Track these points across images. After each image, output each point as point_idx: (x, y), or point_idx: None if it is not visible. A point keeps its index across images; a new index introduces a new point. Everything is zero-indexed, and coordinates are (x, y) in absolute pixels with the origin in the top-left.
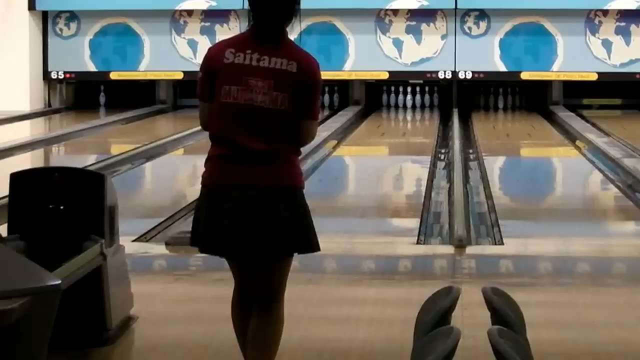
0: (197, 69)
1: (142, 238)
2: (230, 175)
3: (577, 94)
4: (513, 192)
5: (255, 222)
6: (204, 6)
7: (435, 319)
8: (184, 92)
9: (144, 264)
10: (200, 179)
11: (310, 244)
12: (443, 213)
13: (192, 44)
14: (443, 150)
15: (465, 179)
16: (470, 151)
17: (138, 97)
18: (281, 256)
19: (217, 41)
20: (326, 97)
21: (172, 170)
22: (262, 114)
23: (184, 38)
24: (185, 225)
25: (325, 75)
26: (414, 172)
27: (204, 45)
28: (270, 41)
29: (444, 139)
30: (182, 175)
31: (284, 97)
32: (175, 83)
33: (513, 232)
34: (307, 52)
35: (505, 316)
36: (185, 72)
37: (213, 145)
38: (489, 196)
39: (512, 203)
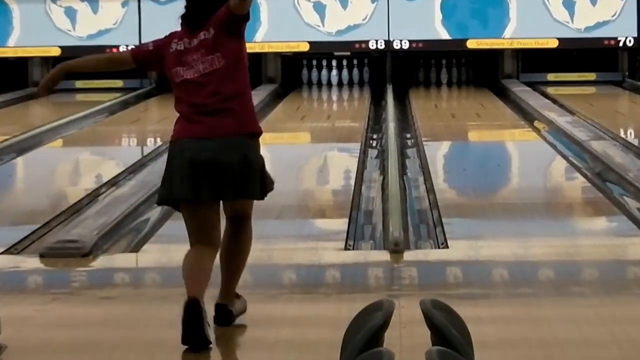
0: (77, 42)
1: (12, 249)
2: (192, 131)
3: (537, 66)
4: (459, 185)
5: (217, 169)
6: None
7: (365, 339)
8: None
9: (15, 281)
10: (87, 176)
11: (251, 191)
12: (376, 211)
13: (70, 13)
14: (375, 136)
15: (402, 169)
16: (408, 136)
17: (6, 78)
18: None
19: (100, 7)
20: None
21: (49, 166)
22: (207, 79)
23: (60, 6)
24: (64, 233)
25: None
26: (341, 163)
27: (85, 14)
28: (196, 27)
29: (376, 122)
30: (61, 172)
31: (215, 57)
32: (51, 61)
33: (460, 233)
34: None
35: (448, 335)
36: (62, 48)
37: (178, 118)
38: (430, 190)
39: (459, 198)
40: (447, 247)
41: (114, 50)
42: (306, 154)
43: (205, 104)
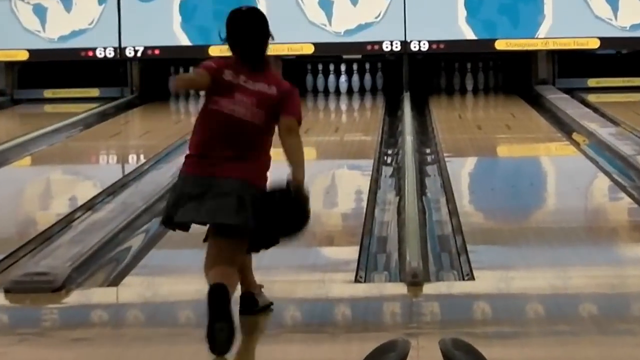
0: (48, 45)
1: None
2: (206, 170)
3: (575, 70)
4: (487, 207)
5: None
6: None
7: None
8: (30, 79)
9: None
10: (58, 198)
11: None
12: (391, 238)
13: (40, 12)
14: (390, 151)
15: (421, 189)
16: (428, 151)
17: None
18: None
19: (74, 4)
20: None
21: (15, 188)
22: (240, 125)
23: (28, 3)
24: (33, 264)
25: (227, 50)
26: (351, 182)
27: (56, 12)
28: (256, 68)
29: (391, 135)
30: (29, 194)
31: (261, 114)
32: (17, 66)
33: (487, 262)
34: (284, 80)
35: None
36: (31, 51)
37: (193, 150)
38: (453, 213)
39: (486, 222)
40: (472, 278)
41: (90, 54)
42: (311, 172)
43: (229, 146)
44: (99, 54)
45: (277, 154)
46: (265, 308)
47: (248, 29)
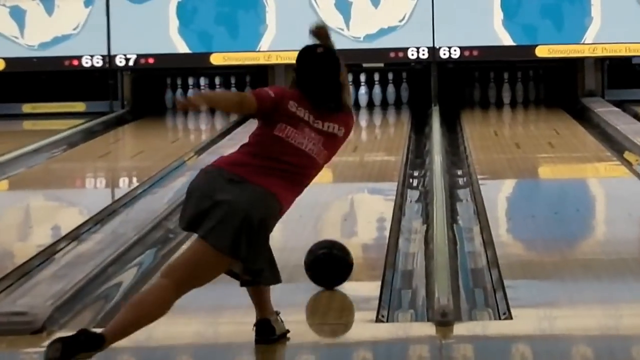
0: (27, 52)
1: None
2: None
3: (627, 80)
4: (526, 236)
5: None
6: None
7: None
8: (6, 91)
9: None
10: (39, 227)
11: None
12: (417, 272)
13: (18, 15)
14: (417, 173)
15: (452, 216)
16: (460, 173)
17: None
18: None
19: (57, 7)
20: (233, 91)
21: None
22: (303, 158)
23: (4, 5)
24: (9, 303)
25: (231, 58)
26: (372, 209)
27: (36, 15)
28: (330, 111)
29: (417, 155)
30: (5, 223)
31: (325, 154)
32: None
33: (527, 299)
34: (352, 114)
35: None
36: (7, 60)
37: (251, 153)
38: (488, 243)
39: (525, 253)
40: (510, 317)
41: (75, 63)
42: (327, 197)
43: (280, 172)
44: (85, 63)
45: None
46: (282, 336)
47: (322, 75)
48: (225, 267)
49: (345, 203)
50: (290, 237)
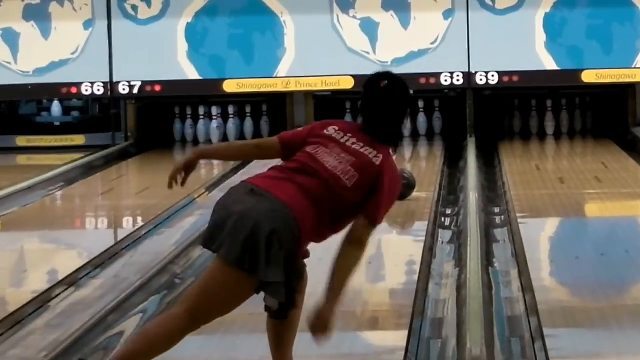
0: (21, 79)
1: None
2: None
3: None
4: (569, 280)
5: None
6: None
7: None
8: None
9: None
10: (34, 272)
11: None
12: (448, 320)
13: (10, 38)
14: (449, 211)
15: (488, 259)
16: (497, 210)
17: None
18: None
19: (54, 29)
20: (248, 122)
21: None
22: (328, 176)
23: None
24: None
25: (246, 85)
26: (400, 250)
27: (31, 38)
28: (377, 138)
29: (451, 192)
30: None
31: (354, 176)
32: None
33: (569, 350)
34: (397, 168)
35: None
36: None
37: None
38: (527, 288)
39: (568, 299)
40: None
41: (73, 90)
42: None
43: (307, 190)
44: (85, 90)
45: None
46: None
47: (384, 107)
48: (246, 290)
49: (371, 244)
50: (309, 282)
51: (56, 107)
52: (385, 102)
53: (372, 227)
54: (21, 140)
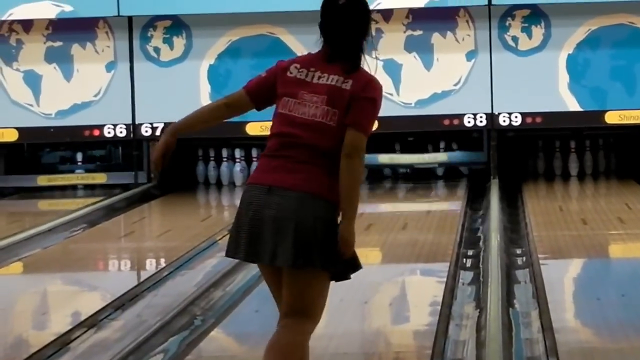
0: (43, 122)
1: None
2: (269, 176)
3: None
4: (591, 321)
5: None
6: (52, 13)
7: None
8: (19, 165)
9: None
10: (55, 313)
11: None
12: None
13: (32, 80)
14: (471, 252)
15: (509, 300)
16: (519, 252)
17: None
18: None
19: (76, 71)
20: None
21: (2, 300)
22: (312, 127)
23: (17, 70)
24: None
25: (258, 128)
26: (421, 292)
27: (53, 81)
28: (340, 61)
29: (472, 233)
30: (18, 308)
31: (334, 113)
32: (4, 151)
33: None
34: (372, 75)
35: None
36: (21, 130)
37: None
38: (547, 329)
39: (589, 340)
40: None
41: (96, 133)
42: (372, 278)
43: (293, 148)
44: (108, 133)
45: None
46: None
47: (343, 24)
48: (325, 276)
49: (393, 286)
50: (329, 323)
51: (79, 158)
52: (345, 18)
53: (361, 134)
54: (42, 180)
